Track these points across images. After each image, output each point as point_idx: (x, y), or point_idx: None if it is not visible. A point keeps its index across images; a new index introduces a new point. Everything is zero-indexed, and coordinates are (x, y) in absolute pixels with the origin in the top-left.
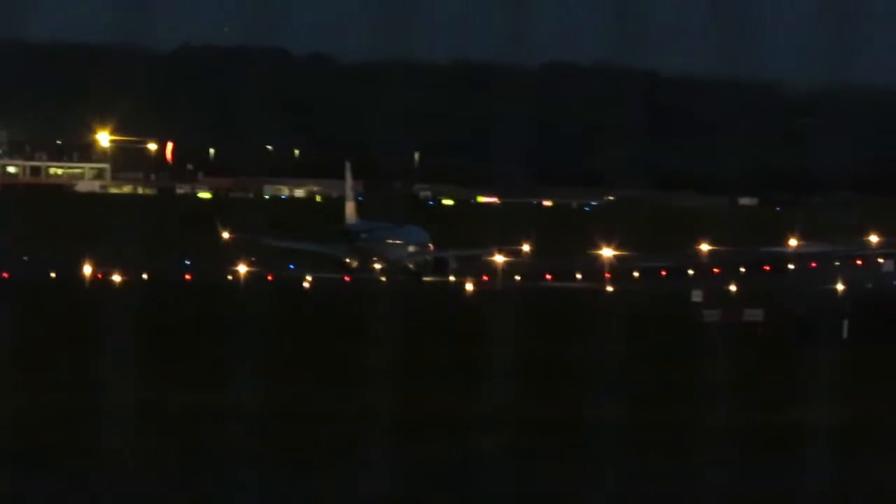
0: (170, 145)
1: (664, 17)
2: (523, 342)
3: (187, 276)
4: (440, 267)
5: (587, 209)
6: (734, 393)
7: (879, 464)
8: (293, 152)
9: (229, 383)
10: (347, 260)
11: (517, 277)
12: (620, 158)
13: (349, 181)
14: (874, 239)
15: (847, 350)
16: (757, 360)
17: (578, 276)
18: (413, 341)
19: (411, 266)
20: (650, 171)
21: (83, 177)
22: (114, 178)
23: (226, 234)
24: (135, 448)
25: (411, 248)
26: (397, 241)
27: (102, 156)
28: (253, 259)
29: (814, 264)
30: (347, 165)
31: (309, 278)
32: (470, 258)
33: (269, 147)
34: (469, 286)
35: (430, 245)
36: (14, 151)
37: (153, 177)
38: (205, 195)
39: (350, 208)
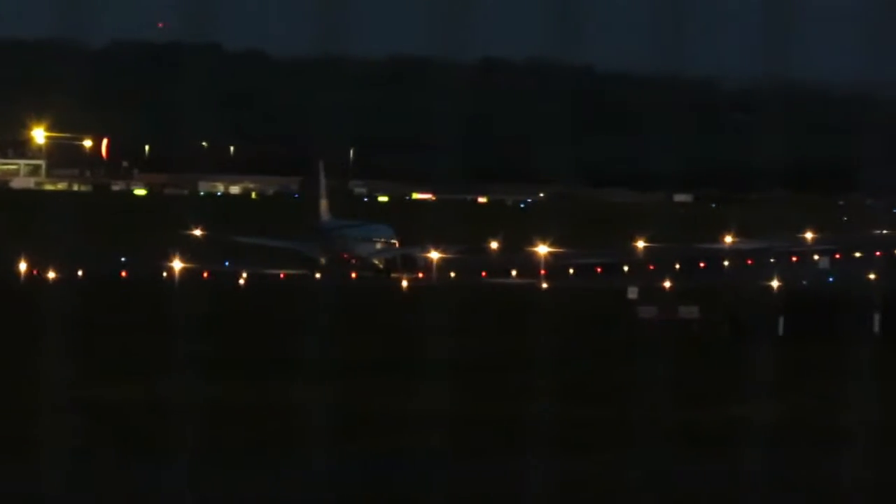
0: (105, 142)
1: (600, 12)
2: (460, 339)
3: (123, 273)
4: (407, 264)
5: (522, 206)
6: (667, 390)
7: (809, 459)
8: (228, 149)
9: (161, 377)
10: (320, 257)
11: (452, 274)
12: (556, 155)
13: (322, 180)
14: (809, 235)
15: (782, 346)
16: (692, 356)
17: (514, 272)
18: (343, 337)
19: (378, 263)
20: (586, 168)
21: (18, 173)
22: (49, 174)
23: (197, 232)
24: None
25: (379, 245)
26: (366, 239)
27: (37, 152)
28: (191, 255)
29: (749, 261)
30: (321, 164)
31: (245, 275)
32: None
33: (204, 143)
34: (405, 283)
35: (396, 242)
36: None
37: (88, 173)
38: (140, 191)
39: (323, 206)
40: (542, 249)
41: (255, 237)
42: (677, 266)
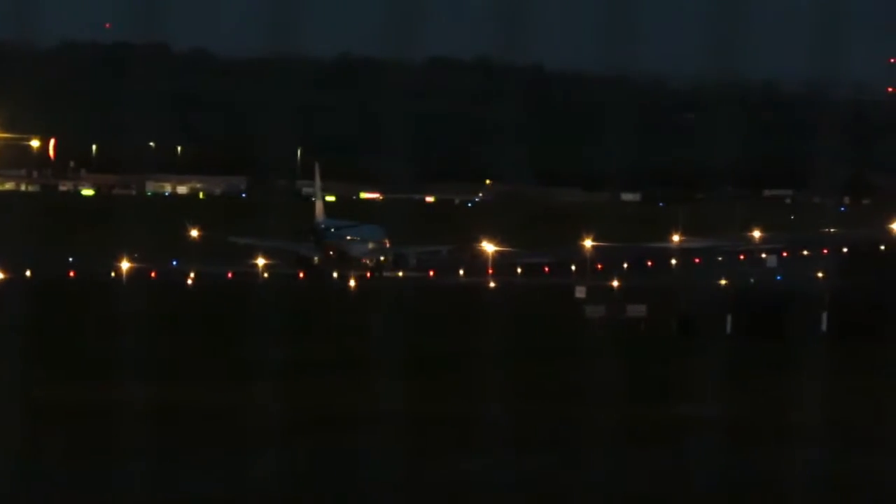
0: (52, 142)
1: (549, 12)
2: (406, 338)
3: (71, 273)
4: (399, 262)
5: (470, 205)
6: (614, 388)
7: (753, 456)
8: (176, 149)
9: (114, 379)
10: (315, 257)
11: (400, 273)
12: (504, 154)
13: (318, 181)
14: (757, 234)
15: (729, 345)
16: (639, 355)
17: (461, 272)
18: (292, 336)
19: (369, 262)
20: (534, 167)
21: None
22: None
23: (194, 233)
24: None
25: (371, 245)
26: (359, 239)
27: None
28: (138, 255)
29: (697, 260)
30: (316, 166)
31: (192, 274)
32: (428, 254)
33: (152, 144)
34: (352, 282)
35: (387, 241)
36: None
37: (36, 174)
38: (88, 192)
39: (319, 207)
40: (490, 248)
41: (249, 237)
42: (625, 265)
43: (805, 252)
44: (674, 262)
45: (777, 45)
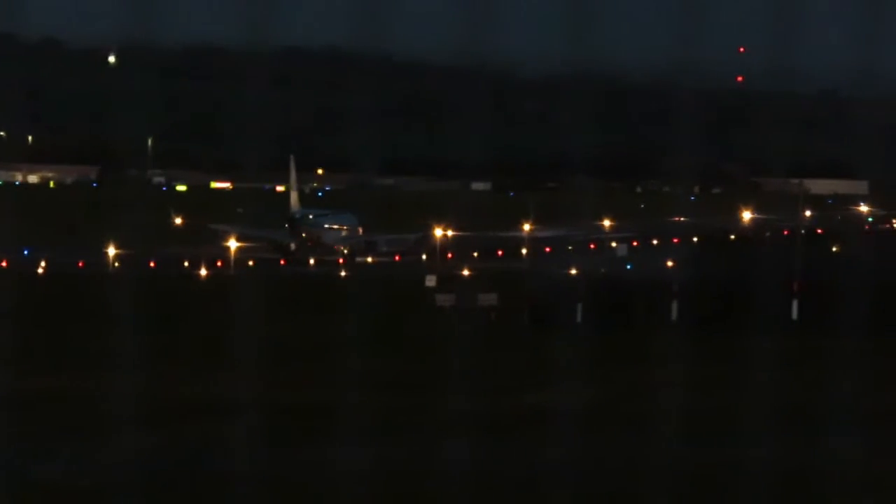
0: None
1: (399, 1)
2: (251, 325)
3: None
4: (371, 249)
5: (320, 194)
6: (462, 377)
7: (599, 445)
8: (26, 138)
9: None
10: (290, 244)
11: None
12: (354, 143)
13: (293, 173)
14: (607, 223)
15: (580, 333)
16: (489, 344)
17: (312, 261)
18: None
19: (343, 249)
20: (384, 156)
21: None
22: None
23: (178, 220)
24: None
25: (344, 233)
26: (333, 226)
27: None
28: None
29: (548, 249)
30: (292, 158)
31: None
32: (397, 242)
33: (2, 133)
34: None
35: (360, 229)
36: None
37: None
38: None
39: (294, 197)
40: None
41: (229, 225)
42: (475, 254)
43: (655, 241)
44: (524, 251)
45: (630, 35)
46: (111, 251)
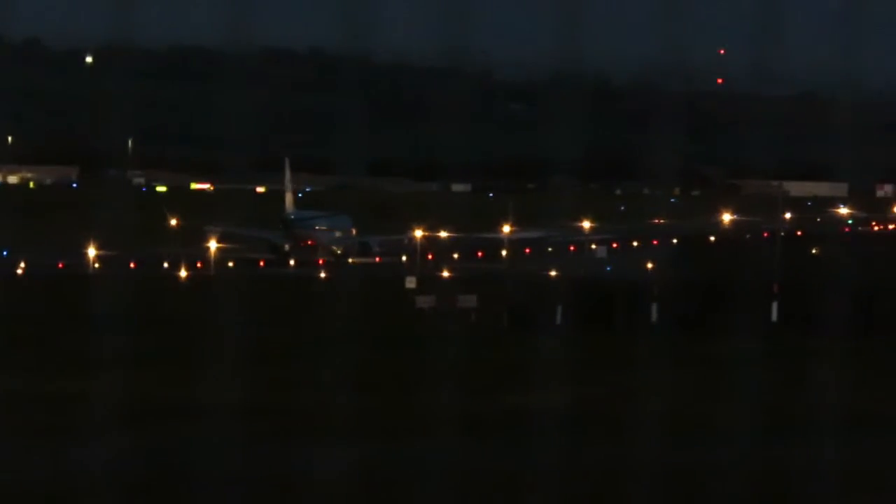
0: None
1: (379, 2)
2: (236, 328)
3: None
4: (363, 250)
5: (301, 195)
6: (442, 379)
7: (578, 446)
8: (6, 139)
9: None
10: (285, 245)
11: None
12: (336, 144)
13: (287, 174)
14: (587, 225)
15: (560, 335)
16: (469, 345)
17: (292, 262)
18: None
19: (337, 250)
20: (365, 158)
21: None
22: None
23: (173, 221)
24: None
25: (338, 234)
26: (326, 228)
27: None
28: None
29: (528, 250)
30: (286, 161)
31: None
32: (391, 242)
33: None
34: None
35: (354, 230)
36: None
37: None
38: None
39: (289, 198)
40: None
41: (225, 226)
42: (455, 255)
43: (635, 243)
44: (504, 252)
45: (609, 38)
46: (91, 252)
